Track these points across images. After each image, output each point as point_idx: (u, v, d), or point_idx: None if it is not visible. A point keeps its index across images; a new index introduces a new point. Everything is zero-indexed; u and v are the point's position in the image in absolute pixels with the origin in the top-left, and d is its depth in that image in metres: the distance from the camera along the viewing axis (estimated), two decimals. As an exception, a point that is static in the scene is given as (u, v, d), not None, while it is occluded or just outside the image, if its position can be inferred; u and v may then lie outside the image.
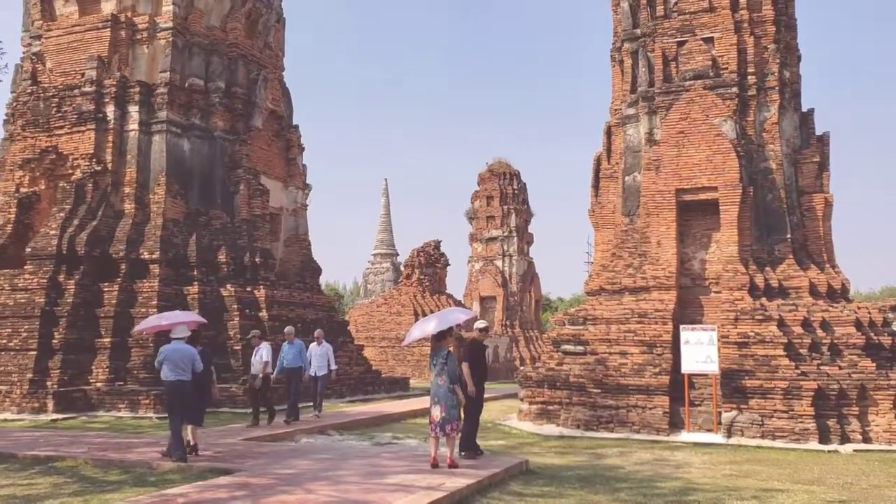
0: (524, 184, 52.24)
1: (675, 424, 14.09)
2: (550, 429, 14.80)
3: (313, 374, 15.61)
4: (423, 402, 19.98)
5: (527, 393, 16.20)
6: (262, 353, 14.24)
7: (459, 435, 9.86)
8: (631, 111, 17.40)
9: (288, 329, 15.43)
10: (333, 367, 16.05)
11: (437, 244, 39.84)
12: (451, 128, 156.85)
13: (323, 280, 27.93)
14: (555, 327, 17.31)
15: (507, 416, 17.42)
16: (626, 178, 17.30)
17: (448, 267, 40.32)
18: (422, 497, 7.57)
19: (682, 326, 14.48)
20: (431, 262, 38.83)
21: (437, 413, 9.53)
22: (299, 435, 13.49)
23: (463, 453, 10.08)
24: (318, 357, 15.64)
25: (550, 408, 15.38)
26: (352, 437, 13.82)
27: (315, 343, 15.85)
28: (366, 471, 9.05)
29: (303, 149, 24.08)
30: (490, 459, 10.20)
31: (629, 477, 9.91)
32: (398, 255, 74.69)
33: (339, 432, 14.39)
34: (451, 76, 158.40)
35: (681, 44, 16.96)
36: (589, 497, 8.55)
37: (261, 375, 14.20)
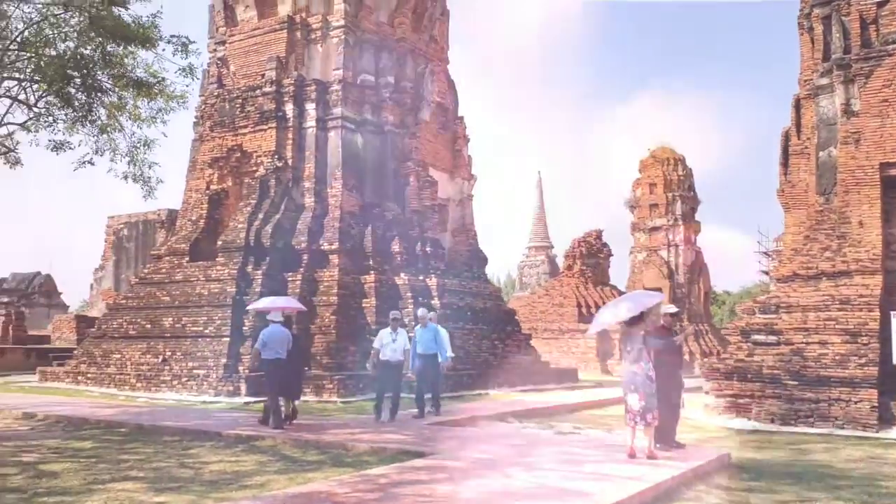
0: (689, 169, 50.06)
1: (885, 420, 12.82)
2: (741, 422, 13.93)
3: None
4: (597, 394, 19.55)
5: (714, 385, 15.34)
6: (402, 338, 12.83)
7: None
8: (824, 81, 16.02)
9: (422, 312, 13.94)
10: (448, 355, 13.53)
11: (599, 234, 38.93)
12: (605, 115, 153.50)
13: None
14: (742, 316, 16.28)
15: (691, 410, 16.61)
16: (820, 153, 15.96)
17: (611, 257, 39.26)
18: (626, 487, 7.21)
19: (892, 313, 13.15)
20: (593, 253, 37.99)
21: (634, 401, 9.10)
22: (480, 421, 13.45)
23: (658, 445, 9.58)
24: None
25: (740, 401, 14.47)
26: (532, 425, 13.61)
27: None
28: (560, 458, 8.78)
29: (468, 140, 24.21)
30: (689, 452, 9.64)
31: (845, 475, 9.05)
32: (553, 247, 73.91)
33: (518, 420, 14.23)
34: (606, 61, 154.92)
35: (881, 4, 15.43)
36: (806, 494, 7.86)
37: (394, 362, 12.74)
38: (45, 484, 7.85)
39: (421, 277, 20.73)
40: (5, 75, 13.38)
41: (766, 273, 71.22)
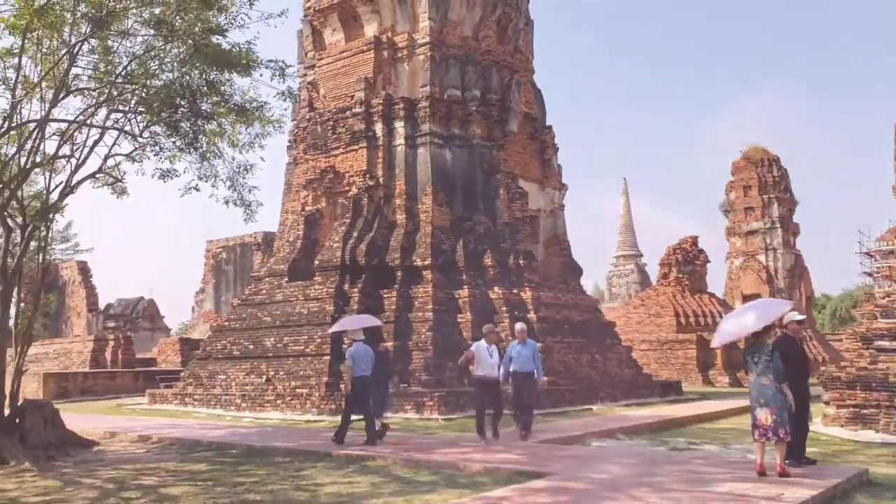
0: (785, 170, 48.09)
1: None
2: (868, 434, 13.07)
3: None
4: (705, 407, 18.78)
5: (834, 395, 14.47)
6: (494, 353, 12.21)
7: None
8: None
9: (519, 326, 12.97)
10: (540, 376, 12.62)
11: (695, 240, 37.76)
12: (693, 118, 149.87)
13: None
14: (862, 321, 15.33)
15: (814, 422, 15.72)
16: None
17: (708, 264, 38.02)
18: (765, 510, 6.76)
19: None
20: (689, 260, 36.86)
21: (764, 416, 8.57)
22: (589, 438, 13.04)
23: (787, 461, 9.00)
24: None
25: (865, 412, 13.59)
26: (643, 441, 13.12)
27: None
28: (686, 478, 8.34)
29: (557, 149, 23.85)
30: (821, 469, 9.03)
31: None
32: (642, 255, 72.36)
33: (627, 436, 13.75)
34: (694, 63, 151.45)
35: None
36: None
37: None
38: (167, 508, 7.95)
39: (515, 291, 20.46)
40: (112, 107, 13.91)
41: (870, 274, 67.96)
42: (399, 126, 21.44)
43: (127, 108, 14.03)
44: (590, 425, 14.67)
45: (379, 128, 21.44)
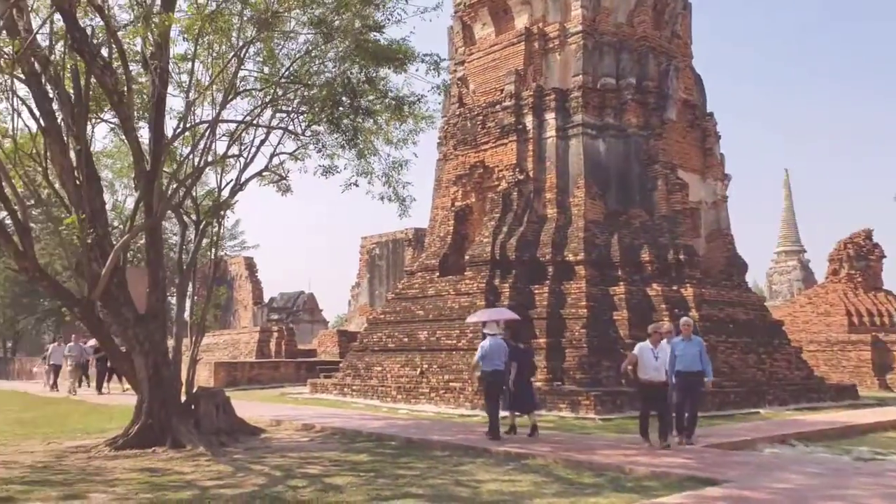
0: (977, 154, 43.40)
1: None
2: None
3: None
4: (887, 414, 17.06)
5: None
6: (664, 354, 11.32)
7: None
8: None
9: (685, 320, 12.26)
10: (709, 374, 11.82)
11: (869, 233, 34.68)
12: (862, 103, 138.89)
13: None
14: None
15: None
16: None
17: (884, 259, 34.86)
18: None
19: None
20: (863, 255, 33.91)
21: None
22: (760, 443, 12.17)
23: None
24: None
25: None
26: (819, 449, 12.09)
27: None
28: (883, 492, 7.52)
29: (719, 137, 22.58)
30: None
31: None
32: (805, 251, 67.83)
33: (802, 443, 12.72)
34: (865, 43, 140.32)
35: None
36: None
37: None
38: (332, 498, 8.05)
39: (675, 287, 19.53)
40: (276, 108, 14.45)
41: None
42: (550, 118, 21.02)
43: (290, 109, 14.57)
44: (760, 430, 13.73)
45: (529, 120, 21.12)
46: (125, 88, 11.77)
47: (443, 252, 21.84)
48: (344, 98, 11.41)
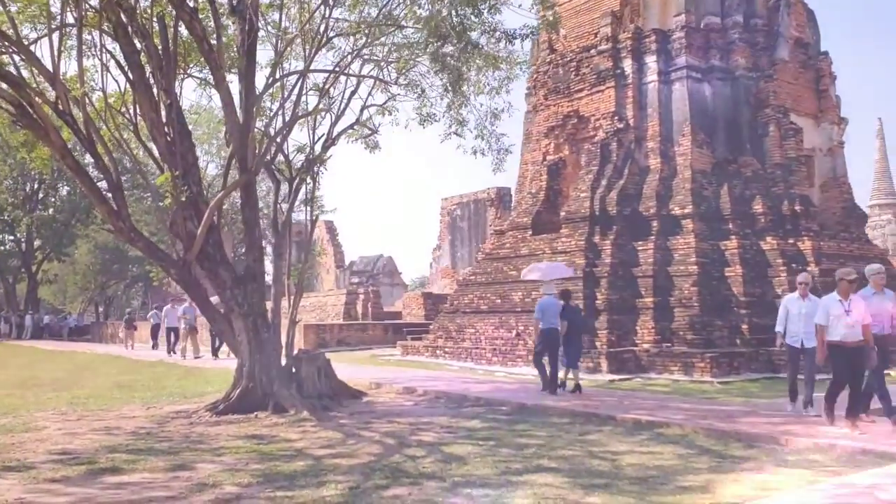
0: None
1: None
2: None
3: (799, 346, 10.13)
4: None
5: None
6: (855, 307, 8.88)
7: None
8: None
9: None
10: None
11: None
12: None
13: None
14: None
15: None
16: None
17: None
18: None
19: None
20: None
21: None
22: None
23: None
24: (805, 318, 9.92)
25: None
26: None
27: (797, 295, 10.44)
28: None
29: (835, 78, 20.71)
30: None
31: None
32: (902, 204, 64.26)
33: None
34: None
35: None
36: None
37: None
38: (457, 471, 7.30)
39: (791, 241, 18.06)
40: (366, 57, 13.64)
41: None
42: (650, 61, 19.59)
43: (380, 58, 13.75)
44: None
45: (628, 64, 19.74)
46: (214, 35, 11.11)
47: (535, 209, 20.83)
48: (451, 31, 10.43)
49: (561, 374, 12.91)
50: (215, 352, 23.04)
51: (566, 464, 7.54)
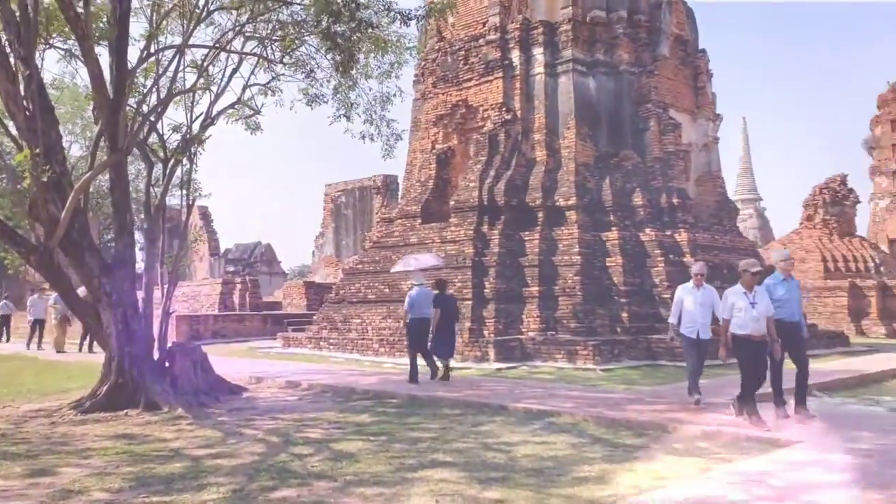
0: (941, 101, 43.28)
1: None
2: None
3: (695, 336, 9.88)
4: (890, 362, 16.68)
5: None
6: (759, 299, 8.46)
7: None
8: None
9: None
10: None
11: (844, 179, 34.54)
12: (828, 50, 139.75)
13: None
14: None
15: None
16: None
17: (858, 205, 34.76)
18: None
19: None
20: (838, 201, 33.76)
21: None
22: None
23: None
24: (701, 308, 9.82)
25: None
26: (849, 400, 11.39)
27: (692, 285, 10.03)
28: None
29: (711, 75, 21.60)
30: None
31: None
32: (761, 199, 68.58)
33: (825, 393, 12.02)
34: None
35: None
36: None
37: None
38: (349, 469, 6.95)
39: (668, 232, 18.69)
40: (249, 35, 12.95)
41: None
42: (538, 53, 19.75)
43: (265, 35, 13.09)
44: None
45: (516, 55, 19.81)
46: (82, 2, 10.17)
47: (424, 198, 20.62)
48: (343, 10, 9.96)
49: (439, 364, 13.01)
50: (85, 345, 21.48)
51: (461, 457, 7.34)
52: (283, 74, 13.68)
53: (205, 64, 12.97)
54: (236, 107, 13.59)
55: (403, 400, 10.96)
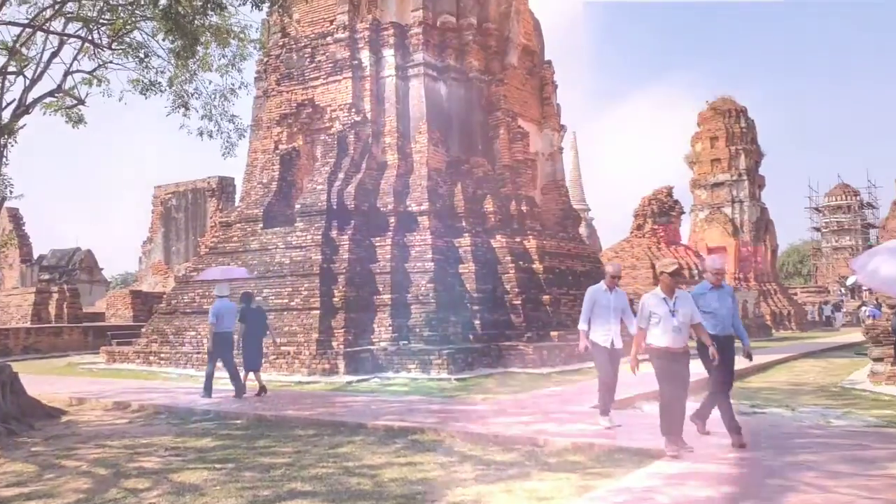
0: (752, 121, 47.32)
1: None
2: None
3: (609, 345, 8.76)
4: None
5: (886, 351, 13.37)
6: (682, 305, 7.21)
7: None
8: None
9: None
10: (746, 340, 8.08)
11: (670, 191, 36.68)
12: (646, 70, 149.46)
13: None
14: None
15: (853, 381, 14.65)
16: None
17: (683, 215, 37.03)
18: None
19: None
20: (665, 211, 35.78)
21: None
22: (637, 401, 11.53)
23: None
24: (615, 313, 8.66)
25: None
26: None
27: (604, 287, 8.74)
28: (841, 456, 6.85)
29: (556, 86, 22.01)
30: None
31: None
32: (590, 210, 72.12)
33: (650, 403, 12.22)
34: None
35: None
36: None
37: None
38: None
39: (518, 239, 18.76)
40: (70, 16, 11.55)
41: (818, 229, 69.11)
42: (388, 55, 19.26)
43: (91, 16, 11.69)
44: (623, 384, 13.14)
45: (366, 56, 19.21)
46: None
47: (267, 200, 19.50)
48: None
49: (253, 378, 12.56)
50: None
51: (322, 485, 6.62)
52: (111, 62, 12.34)
53: (17, 45, 11.40)
54: (56, 95, 12.08)
55: (250, 420, 10.02)
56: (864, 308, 41.65)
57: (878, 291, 9.67)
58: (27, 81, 11.43)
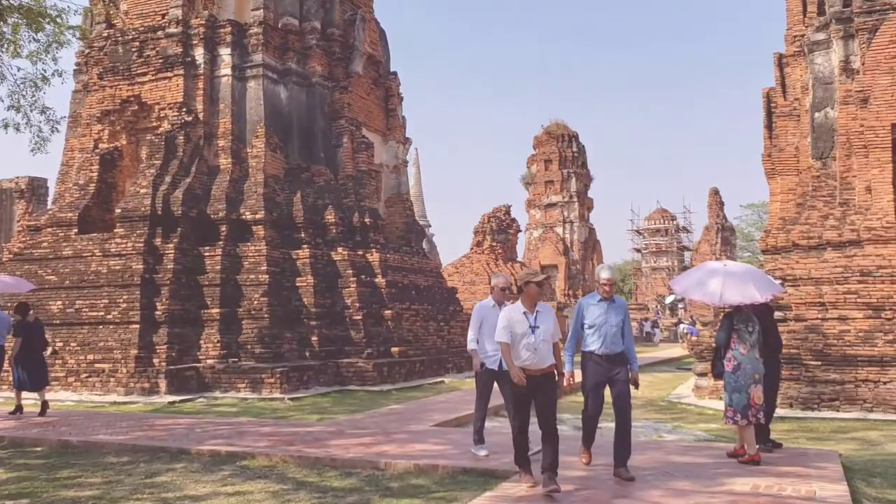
0: (583, 146, 49.66)
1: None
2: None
3: (497, 367, 7.39)
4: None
5: (709, 366, 14.00)
6: (544, 321, 6.36)
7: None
8: (820, 36, 14.91)
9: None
10: (634, 362, 7.09)
11: (508, 209, 37.47)
12: (484, 91, 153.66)
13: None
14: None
15: (679, 395, 15.27)
16: (816, 114, 14.87)
17: (520, 233, 37.97)
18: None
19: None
20: (503, 228, 36.50)
21: (758, 395, 7.40)
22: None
23: (759, 445, 7.86)
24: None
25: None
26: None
27: (491, 302, 7.89)
28: (688, 473, 6.84)
29: (402, 98, 21.72)
30: (793, 453, 7.99)
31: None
32: (430, 226, 73.04)
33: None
34: (493, 33, 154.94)
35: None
36: None
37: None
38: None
39: (360, 252, 18.19)
40: None
41: (638, 250, 73.65)
42: (224, 54, 18.16)
43: None
44: (465, 401, 12.97)
45: (200, 53, 18.01)
46: None
47: (83, 203, 17.75)
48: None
49: (14, 396, 11.85)
50: None
51: (134, 524, 5.75)
52: None
53: None
54: None
55: (52, 447, 8.78)
56: (681, 325, 44.65)
57: (699, 301, 9.95)
58: None
